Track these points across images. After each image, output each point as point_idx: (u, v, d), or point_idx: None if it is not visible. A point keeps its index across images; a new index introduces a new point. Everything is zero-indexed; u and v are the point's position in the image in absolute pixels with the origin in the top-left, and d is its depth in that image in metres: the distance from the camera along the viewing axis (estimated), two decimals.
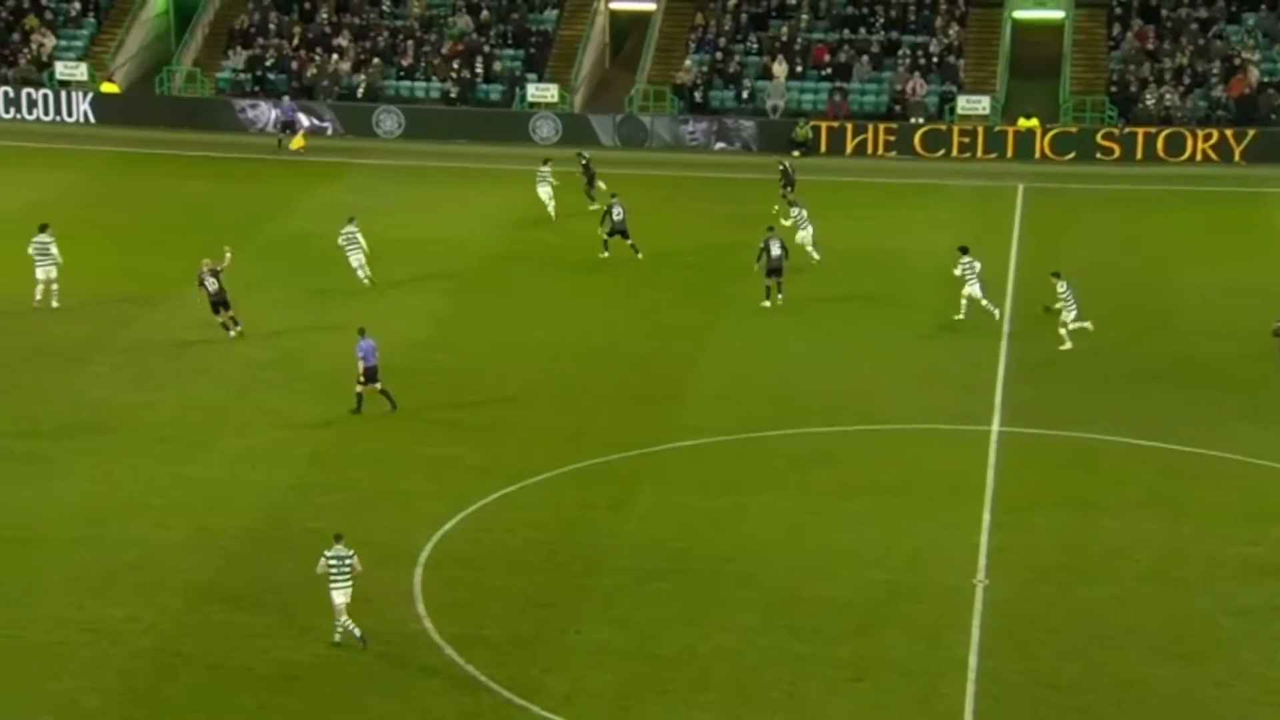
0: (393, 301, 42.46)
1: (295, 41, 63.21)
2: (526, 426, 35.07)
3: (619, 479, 32.58)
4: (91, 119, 59.64)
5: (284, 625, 27.01)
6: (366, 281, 42.95)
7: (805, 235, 45.32)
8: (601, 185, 49.94)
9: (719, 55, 62.72)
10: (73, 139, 57.50)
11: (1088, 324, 39.60)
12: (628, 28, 67.40)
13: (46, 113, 59.80)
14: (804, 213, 45.62)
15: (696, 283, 44.65)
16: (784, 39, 63.05)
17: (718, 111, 61.17)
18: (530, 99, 61.48)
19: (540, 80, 62.06)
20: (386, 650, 26.25)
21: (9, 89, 59.69)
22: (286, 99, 60.18)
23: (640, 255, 45.62)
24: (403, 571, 28.67)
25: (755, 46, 63.24)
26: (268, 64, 62.27)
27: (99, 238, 46.37)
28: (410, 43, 63.20)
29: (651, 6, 65.59)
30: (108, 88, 60.68)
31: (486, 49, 62.88)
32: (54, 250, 41.10)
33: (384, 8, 64.78)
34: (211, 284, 39.16)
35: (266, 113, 60.31)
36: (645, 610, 27.66)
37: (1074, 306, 39.34)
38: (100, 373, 37.31)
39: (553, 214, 49.56)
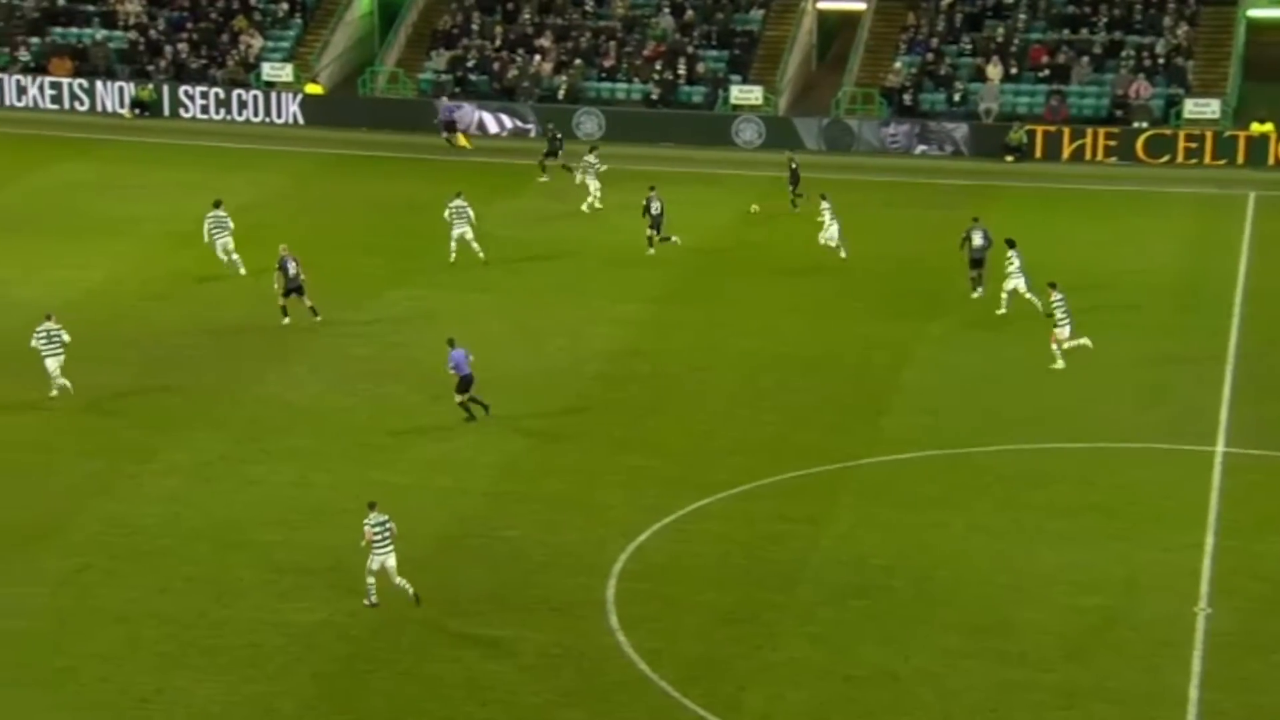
0: (594, 308, 42.72)
1: (497, 42, 64.03)
2: (724, 437, 34.99)
3: (818, 492, 32.33)
4: (300, 120, 60.99)
5: (476, 634, 27.29)
6: (481, 255, 44.62)
7: (831, 233, 45.62)
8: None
9: (930, 57, 62.05)
10: (281, 140, 58.82)
11: (1086, 340, 38.16)
12: (835, 28, 67.00)
13: (256, 114, 61.29)
14: (830, 209, 45.81)
15: (903, 292, 44.17)
16: (999, 39, 62.15)
17: (927, 115, 60.52)
18: (733, 101, 61.46)
19: (744, 82, 62.02)
20: (580, 664, 26.37)
21: (219, 90, 61.34)
22: (445, 98, 61.10)
23: (677, 239, 46.09)
24: (596, 582, 28.79)
25: (969, 47, 62.43)
26: (469, 65, 63.16)
27: (304, 239, 47.38)
28: (612, 43, 63.61)
29: (861, 6, 65.14)
30: (312, 89, 62.09)
31: (690, 50, 63.01)
32: (230, 223, 43.35)
33: (587, 8, 65.31)
34: (291, 268, 40.28)
35: (469, 114, 61.18)
36: (843, 628, 27.40)
37: (1067, 320, 37.91)
38: (299, 375, 38.11)
39: (598, 206, 50.18)
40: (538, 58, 63.23)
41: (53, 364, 35.77)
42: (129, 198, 49.64)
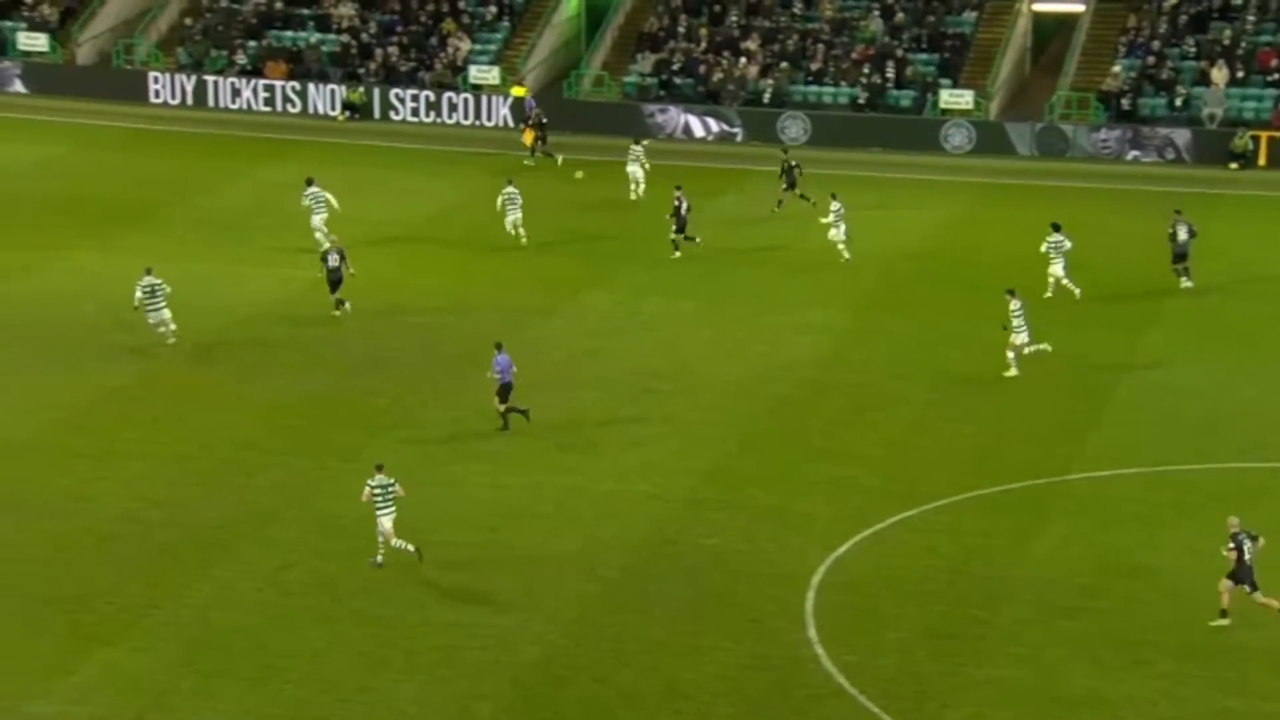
0: (795, 315, 42.65)
1: (703, 45, 64.23)
2: (928, 449, 34.70)
3: (1025, 508, 31.90)
4: (510, 123, 61.76)
5: (673, 642, 27.42)
6: (524, 240, 46.53)
7: (838, 233, 45.71)
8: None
9: (1151, 60, 60.78)
10: (490, 143, 59.58)
11: (1045, 346, 37.97)
12: (1052, 30, 65.97)
13: (466, 117, 62.18)
14: (841, 209, 45.74)
15: (1115, 301, 43.35)
16: (1226, 42, 60.64)
17: (1147, 120, 59.29)
18: (943, 105, 60.87)
19: (955, 86, 61.38)
20: (777, 675, 26.37)
21: (429, 93, 62.44)
22: (530, 97, 61.57)
23: (699, 240, 46.31)
24: (795, 594, 28.75)
25: (1193, 50, 61.01)
26: (674, 68, 63.45)
27: (505, 241, 48.07)
28: (820, 46, 63.43)
29: (1079, 8, 64.06)
30: (517, 91, 62.88)
31: (899, 53, 62.56)
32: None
33: (794, 10, 65.19)
34: (333, 260, 41.40)
35: (676, 117, 61.46)
36: (1050, 649, 27.00)
37: (1025, 328, 37.74)
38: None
39: (639, 195, 50.97)
40: (743, 60, 63.27)
41: (154, 318, 38.45)
42: (338, 200, 50.61)
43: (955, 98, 60.80)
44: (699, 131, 61.70)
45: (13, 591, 28.57)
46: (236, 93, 62.98)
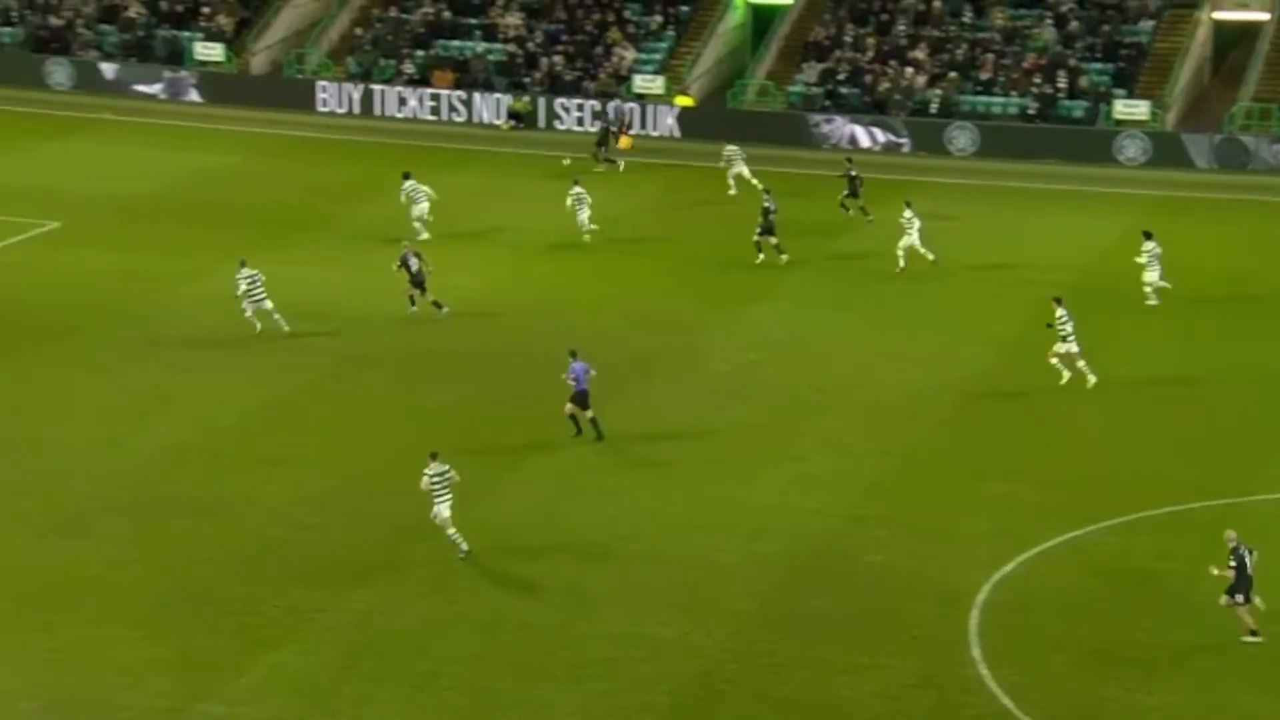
0: (961, 329, 42.23)
1: (870, 54, 63.88)
2: (1097, 467, 34.14)
3: (1200, 529, 31.23)
4: (676, 133, 61.89)
5: (832, 659, 27.27)
6: (587, 237, 47.68)
7: (910, 240, 45.50)
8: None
9: None
10: (655, 152, 59.79)
11: (1089, 372, 37.85)
12: (1233, 39, 64.64)
13: (631, 126, 62.27)
14: (914, 216, 45.55)
15: None
16: None
17: None
18: (1117, 116, 59.89)
19: (1129, 96, 60.37)
20: (941, 695, 26.11)
21: (595, 103, 62.78)
22: (616, 100, 61.59)
23: (785, 257, 46.28)
24: (959, 613, 28.45)
25: None
26: (840, 77, 63.16)
27: (668, 251, 48.21)
28: (990, 56, 62.77)
29: (1263, 16, 62.69)
30: (682, 100, 63.00)
31: (1072, 62, 61.68)
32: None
33: (964, 19, 64.60)
34: (414, 264, 41.63)
35: (841, 128, 61.19)
36: (1224, 676, 26.44)
37: (1073, 338, 37.71)
38: (660, 388, 38.71)
39: (735, 193, 52.29)
40: (910, 70, 62.81)
41: (256, 307, 40.09)
42: (503, 208, 51.18)
43: (1130, 108, 59.80)
44: (865, 142, 61.33)
45: (184, 592, 29.19)
46: (403, 102, 63.84)
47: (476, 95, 63.46)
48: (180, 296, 43.49)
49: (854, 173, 50.99)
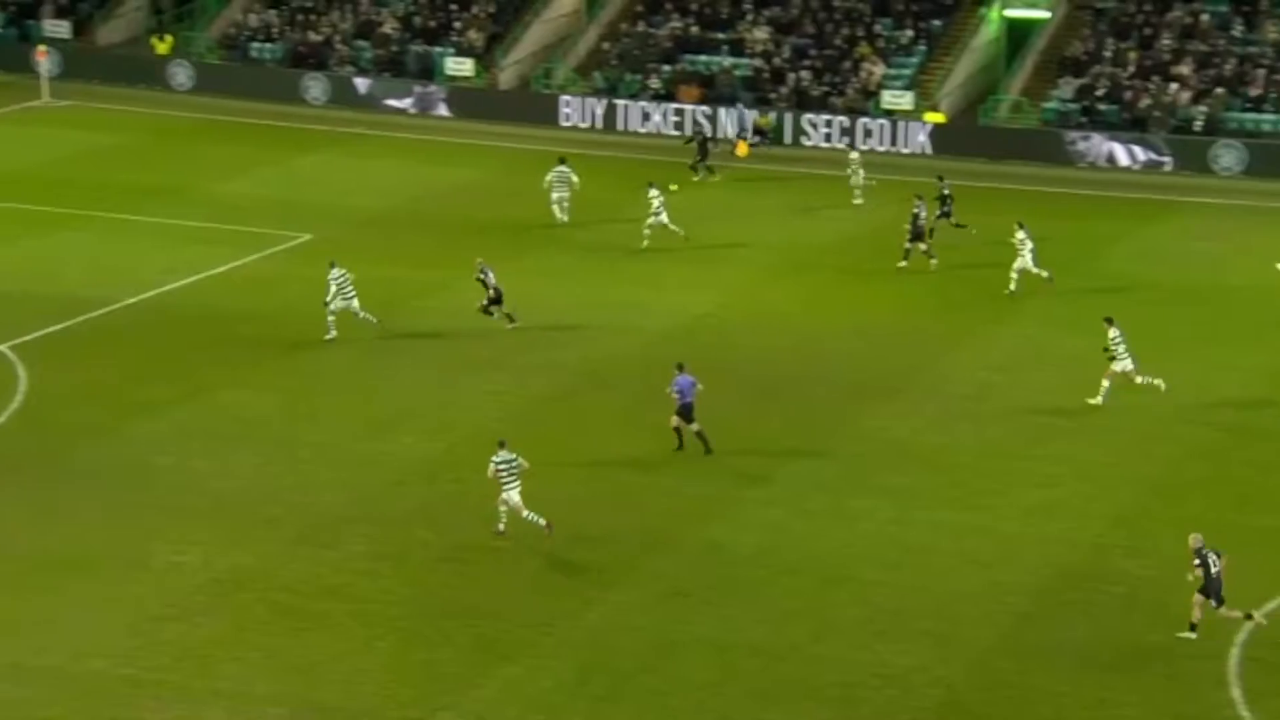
0: (1217, 356, 41.26)
1: (1130, 70, 62.69)
2: None
3: None
4: (928, 150, 61.49)
5: (1078, 693, 26.94)
6: (646, 235, 48.36)
7: (1023, 261, 45.06)
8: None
9: None
10: (902, 169, 59.49)
11: (1158, 381, 37.57)
12: None
13: (881, 143, 62.13)
14: (1026, 238, 45.08)
15: None
16: None
17: None
18: None
19: None
20: None
21: (843, 118, 62.67)
22: (741, 105, 61.77)
23: (934, 262, 46.55)
24: (1216, 650, 27.86)
25: None
26: (1098, 94, 62.11)
27: (910, 271, 47.93)
28: (1260, 71, 61.12)
29: None
30: (931, 117, 62.57)
31: None
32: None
33: (1234, 32, 63.01)
34: (491, 277, 42.28)
35: (1099, 145, 60.18)
36: None
37: (1127, 356, 37.52)
38: (901, 410, 38.52)
39: (860, 202, 53.35)
40: (1174, 86, 61.47)
41: (341, 305, 41.54)
42: (743, 225, 51.35)
43: None
44: (1124, 160, 60.20)
45: (423, 602, 29.92)
46: (646, 116, 64.51)
47: (721, 110, 63.83)
48: (425, 308, 44.57)
49: (947, 191, 50.29)
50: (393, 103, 66.88)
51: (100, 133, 61.91)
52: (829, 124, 62.79)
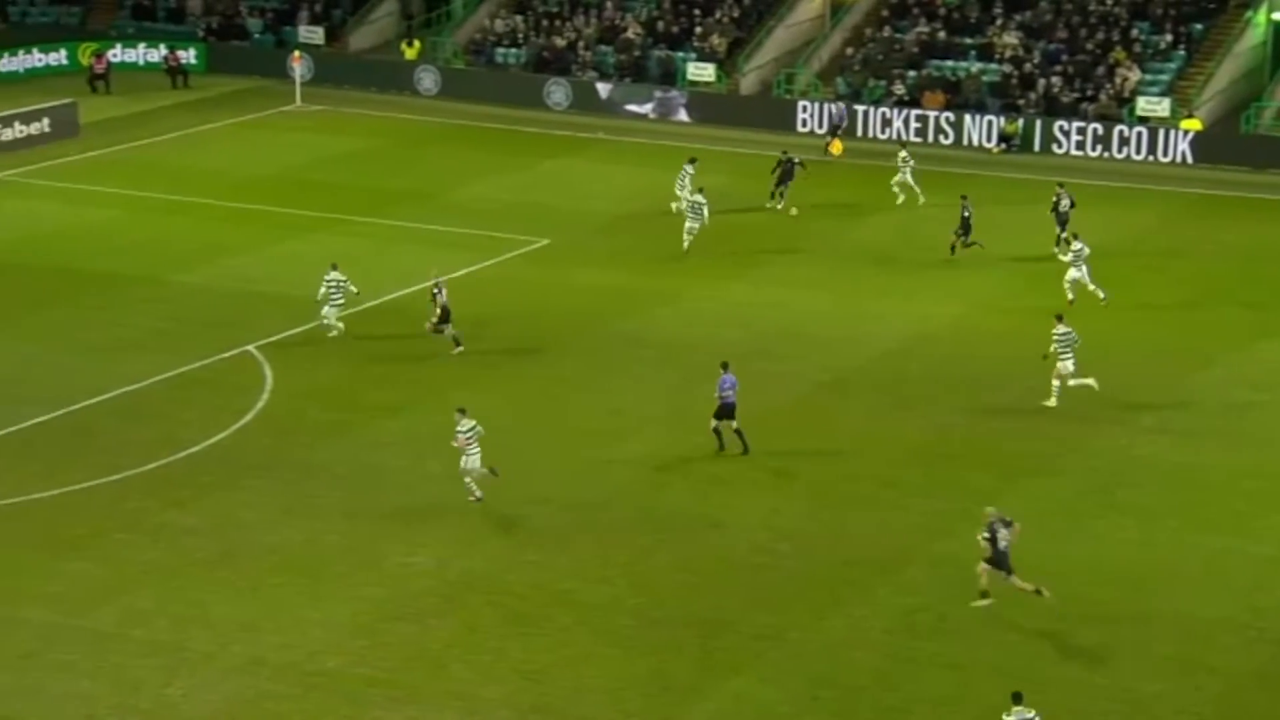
0: None
1: None
2: None
3: None
4: (1189, 159, 59.85)
5: None
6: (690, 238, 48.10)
7: (1079, 274, 44.13)
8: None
9: None
10: (1157, 179, 58.05)
11: (1090, 381, 37.62)
12: None
13: (1138, 151, 60.61)
14: (1083, 249, 44.14)
15: None
16: None
17: None
18: None
19: None
20: None
21: (1097, 126, 61.33)
22: (839, 104, 61.19)
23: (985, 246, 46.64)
24: None
25: None
26: None
27: (1162, 284, 46.73)
28: None
29: None
30: (1188, 124, 60.88)
31: None
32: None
33: None
34: (442, 296, 41.19)
35: None
36: None
37: (1070, 357, 37.64)
38: (1146, 427, 37.50)
39: (901, 201, 52.99)
40: None
41: (331, 311, 41.96)
42: (988, 234, 50.48)
43: None
44: None
45: (652, 610, 29.91)
46: (886, 123, 63.88)
47: (967, 117, 62.93)
48: (661, 315, 44.62)
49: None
50: (633, 108, 67.25)
51: (348, 137, 63.34)
52: (1081, 131, 61.49)
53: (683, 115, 66.73)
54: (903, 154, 54.56)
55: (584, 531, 32.91)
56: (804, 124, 64.73)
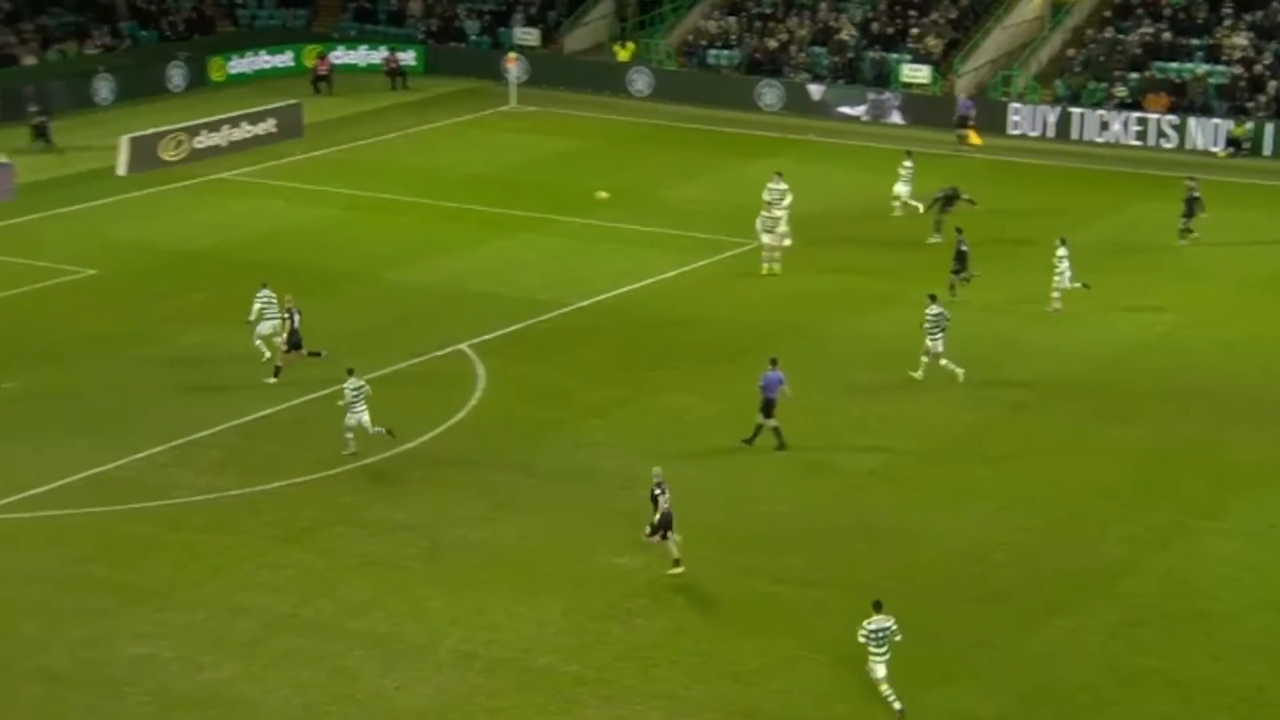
0: None
1: None
2: None
3: None
4: None
5: None
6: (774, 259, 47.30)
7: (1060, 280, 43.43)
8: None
9: None
10: None
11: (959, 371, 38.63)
12: None
13: None
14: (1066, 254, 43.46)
15: None
16: None
17: None
18: None
19: None
20: None
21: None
22: (964, 96, 61.16)
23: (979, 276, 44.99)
24: None
25: None
26: None
27: None
28: None
29: None
30: None
31: None
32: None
33: None
34: (295, 320, 39.52)
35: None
36: None
37: (940, 336, 38.85)
38: None
39: (899, 213, 51.99)
40: None
41: (266, 328, 40.10)
42: (1218, 239, 49.43)
43: None
44: None
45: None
46: (1104, 126, 62.80)
47: (1191, 120, 61.63)
48: (870, 321, 44.39)
49: (1196, 194, 47.93)
50: (845, 110, 66.99)
51: (560, 137, 63.99)
52: None
53: (896, 118, 66.28)
54: (906, 164, 53.08)
55: (793, 535, 32.89)
56: (1015, 126, 63.94)
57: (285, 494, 34.50)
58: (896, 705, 26.54)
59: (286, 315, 39.77)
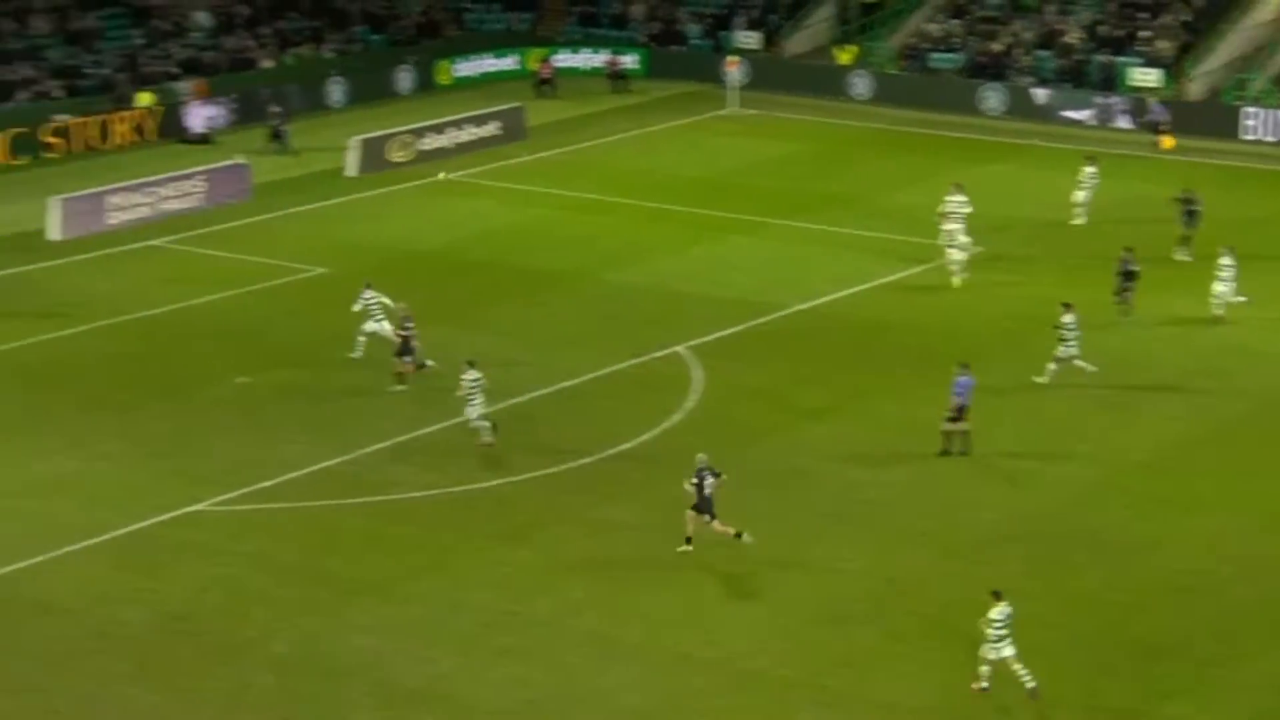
0: None
1: None
2: None
3: None
4: None
5: None
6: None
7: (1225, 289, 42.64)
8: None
9: None
10: None
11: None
12: None
13: None
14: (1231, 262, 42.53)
15: None
16: None
17: None
18: None
19: None
20: None
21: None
22: (1155, 100, 60.86)
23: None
24: None
25: None
26: None
27: None
28: None
29: None
30: None
31: None
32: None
33: None
34: (410, 326, 39.41)
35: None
36: None
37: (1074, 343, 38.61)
38: None
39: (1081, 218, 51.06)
40: None
41: (371, 327, 40.75)
42: None
43: None
44: None
45: (1089, 633, 29.21)
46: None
47: None
48: (1091, 331, 43.53)
49: (1193, 206, 46.95)
50: (1070, 114, 65.90)
51: (779, 141, 63.87)
52: None
53: (1123, 122, 65.00)
54: (1089, 169, 52.02)
55: (1011, 544, 32.42)
56: (1249, 131, 62.32)
57: (504, 492, 34.92)
58: (1030, 684, 26.61)
59: (405, 331, 39.48)
